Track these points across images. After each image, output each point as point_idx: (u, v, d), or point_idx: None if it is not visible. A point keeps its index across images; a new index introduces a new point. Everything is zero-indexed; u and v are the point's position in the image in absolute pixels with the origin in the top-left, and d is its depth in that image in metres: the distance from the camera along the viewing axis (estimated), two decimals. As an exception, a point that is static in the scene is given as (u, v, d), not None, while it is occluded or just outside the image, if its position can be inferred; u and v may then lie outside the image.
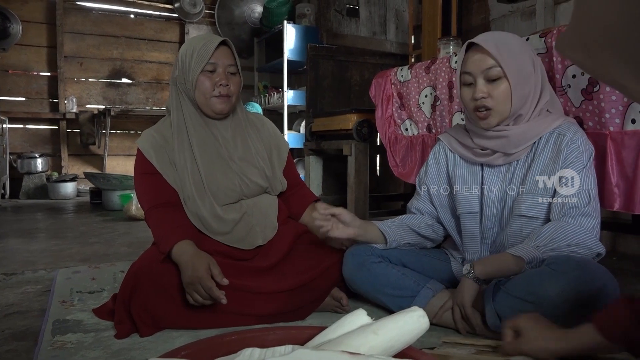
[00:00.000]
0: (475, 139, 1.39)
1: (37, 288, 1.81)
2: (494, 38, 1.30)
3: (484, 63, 1.29)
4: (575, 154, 1.27)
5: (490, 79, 1.29)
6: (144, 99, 5.81)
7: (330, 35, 3.74)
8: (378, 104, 2.40)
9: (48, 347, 1.25)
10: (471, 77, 1.32)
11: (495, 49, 1.27)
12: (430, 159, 1.54)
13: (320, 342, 0.81)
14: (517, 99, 1.28)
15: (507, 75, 1.27)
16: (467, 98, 1.34)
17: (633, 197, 1.35)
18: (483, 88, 1.29)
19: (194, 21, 5.83)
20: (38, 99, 5.39)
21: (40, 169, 5.11)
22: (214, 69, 1.46)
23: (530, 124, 1.31)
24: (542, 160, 1.31)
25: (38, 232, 3.12)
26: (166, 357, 0.77)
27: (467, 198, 1.43)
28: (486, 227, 1.40)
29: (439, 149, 1.53)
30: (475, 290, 1.26)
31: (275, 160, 1.63)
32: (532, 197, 1.31)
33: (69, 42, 5.43)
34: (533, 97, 1.31)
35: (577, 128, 1.31)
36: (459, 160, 1.47)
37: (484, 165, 1.41)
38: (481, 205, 1.41)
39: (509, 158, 1.35)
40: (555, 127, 1.31)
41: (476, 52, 1.31)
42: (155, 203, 1.45)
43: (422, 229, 1.51)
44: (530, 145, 1.33)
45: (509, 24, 3.05)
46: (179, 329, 1.36)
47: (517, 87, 1.28)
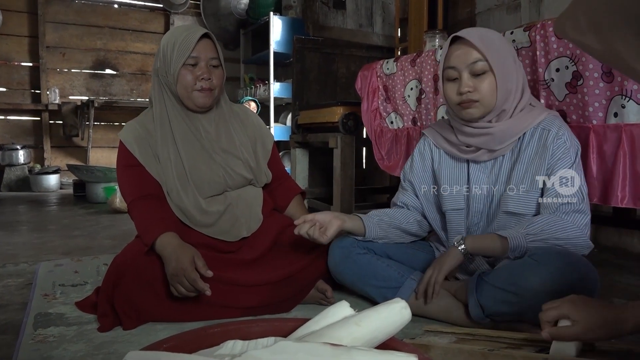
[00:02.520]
0: (459, 136, 1.39)
1: (18, 281, 1.79)
2: (478, 32, 1.30)
3: (469, 57, 1.28)
4: (562, 150, 1.27)
5: (475, 73, 1.28)
6: (129, 90, 5.74)
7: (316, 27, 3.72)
8: (364, 96, 2.40)
9: (29, 340, 1.23)
10: (455, 72, 1.31)
11: (481, 42, 1.27)
12: (416, 154, 1.54)
13: (303, 334, 0.81)
14: (502, 93, 1.28)
15: (493, 68, 1.27)
16: (451, 93, 1.33)
17: (611, 190, 1.37)
18: (469, 82, 1.29)
19: (179, 12, 5.76)
20: (20, 89, 5.30)
21: (22, 160, 5.04)
22: (196, 62, 1.44)
23: (514, 120, 1.32)
24: (527, 156, 1.32)
25: (20, 225, 3.08)
26: (148, 350, 0.76)
27: (452, 195, 1.42)
28: (472, 223, 1.41)
29: (424, 144, 1.52)
30: (457, 261, 1.28)
31: (259, 152, 1.62)
32: (519, 194, 1.31)
33: (51, 32, 5.33)
34: (515, 92, 1.31)
35: (561, 122, 1.32)
36: (444, 156, 1.46)
37: (470, 162, 1.41)
38: (468, 202, 1.41)
39: (493, 154, 1.35)
40: (539, 122, 1.31)
41: (460, 46, 1.30)
42: (138, 195, 1.43)
43: (410, 224, 1.50)
44: (515, 140, 1.33)
45: (494, 17, 3.07)
46: (163, 321, 1.35)
47: (501, 80, 1.28)
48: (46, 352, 1.16)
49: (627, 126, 1.35)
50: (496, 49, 1.28)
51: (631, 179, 1.34)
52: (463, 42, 1.30)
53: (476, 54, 1.27)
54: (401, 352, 0.71)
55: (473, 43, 1.27)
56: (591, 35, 0.44)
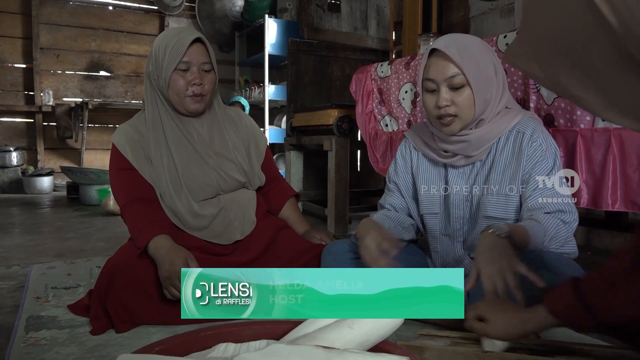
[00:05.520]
0: (437, 142, 1.39)
1: (10, 284, 1.78)
2: (456, 43, 1.28)
3: (447, 71, 1.26)
4: (539, 153, 1.26)
5: (453, 86, 1.26)
6: (123, 92, 5.72)
7: (311, 30, 3.72)
8: (358, 99, 2.41)
9: (21, 343, 1.23)
10: (434, 84, 1.29)
11: (458, 56, 1.25)
12: (398, 156, 1.53)
13: (295, 336, 0.81)
14: (480, 104, 1.27)
15: (470, 82, 1.25)
16: (430, 105, 1.32)
17: (600, 194, 1.37)
18: (446, 96, 1.27)
19: (174, 14, 5.75)
20: (13, 91, 5.27)
21: (16, 162, 5.00)
22: (188, 67, 1.43)
23: (491, 124, 1.31)
24: (503, 160, 1.31)
25: (12, 227, 3.06)
26: (140, 352, 0.76)
27: (429, 198, 1.42)
28: (455, 228, 1.40)
29: (405, 146, 1.52)
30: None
31: (253, 155, 1.62)
32: (496, 198, 1.31)
33: (45, 34, 5.31)
34: (494, 101, 1.30)
35: (536, 124, 1.30)
36: (422, 159, 1.46)
37: (448, 166, 1.40)
38: (447, 207, 1.40)
39: (470, 159, 1.35)
40: (514, 125, 1.30)
41: (439, 58, 1.28)
42: (131, 198, 1.43)
43: (406, 230, 1.48)
44: (491, 145, 1.33)
45: (488, 21, 3.09)
46: (156, 324, 1.35)
47: (479, 93, 1.26)
48: (38, 356, 1.15)
49: (615, 130, 1.35)
50: (474, 61, 1.26)
51: (622, 182, 1.35)
52: (441, 54, 1.27)
53: (454, 68, 1.25)
54: (394, 354, 0.71)
55: (450, 57, 1.25)
56: (535, 65, 0.48)
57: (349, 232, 2.72)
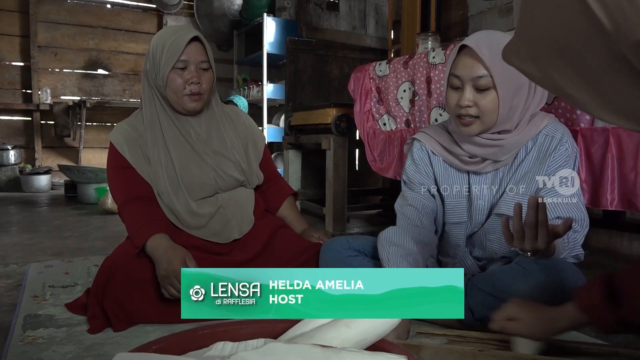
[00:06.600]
0: (463, 144, 1.31)
1: (7, 282, 1.78)
2: (489, 43, 1.19)
3: (475, 70, 1.19)
4: (564, 157, 1.24)
5: (479, 88, 1.20)
6: (121, 90, 5.71)
7: (310, 28, 3.72)
8: (357, 98, 2.41)
9: (18, 342, 1.22)
10: (459, 82, 1.23)
11: (489, 56, 1.18)
12: (415, 156, 1.42)
13: (293, 335, 0.81)
14: (504, 110, 1.21)
15: (497, 86, 1.19)
16: (452, 102, 1.26)
17: (600, 193, 1.38)
18: (469, 96, 1.21)
19: (172, 12, 5.73)
20: (10, 89, 5.26)
21: (13, 161, 4.99)
22: (185, 66, 1.42)
23: (524, 130, 1.27)
24: (527, 162, 1.28)
25: (10, 225, 3.06)
26: (137, 351, 0.76)
27: (455, 208, 1.36)
28: (472, 232, 1.37)
29: (420, 149, 1.41)
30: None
31: (251, 153, 1.61)
32: (512, 196, 1.28)
33: (42, 32, 5.29)
34: (523, 110, 1.24)
35: (564, 129, 1.28)
36: (442, 165, 1.38)
37: (470, 172, 1.35)
38: (470, 213, 1.35)
39: (497, 165, 1.30)
40: (541, 128, 1.27)
41: (469, 55, 1.21)
42: (128, 197, 1.43)
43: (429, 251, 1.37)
44: (519, 149, 1.29)
45: (486, 20, 3.08)
46: (153, 323, 1.34)
47: (505, 98, 1.20)
48: (35, 354, 1.15)
49: (614, 129, 1.36)
50: (506, 65, 1.23)
51: (620, 181, 1.35)
52: (472, 52, 1.20)
53: (482, 69, 1.19)
54: (391, 353, 0.71)
55: (480, 57, 1.18)
56: (531, 64, 0.48)
57: (347, 231, 2.73)
